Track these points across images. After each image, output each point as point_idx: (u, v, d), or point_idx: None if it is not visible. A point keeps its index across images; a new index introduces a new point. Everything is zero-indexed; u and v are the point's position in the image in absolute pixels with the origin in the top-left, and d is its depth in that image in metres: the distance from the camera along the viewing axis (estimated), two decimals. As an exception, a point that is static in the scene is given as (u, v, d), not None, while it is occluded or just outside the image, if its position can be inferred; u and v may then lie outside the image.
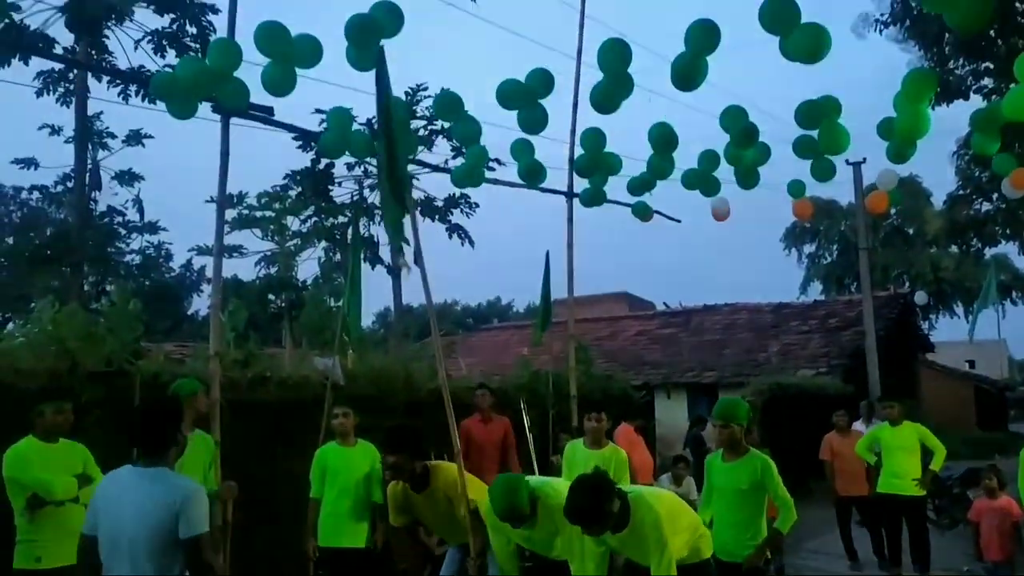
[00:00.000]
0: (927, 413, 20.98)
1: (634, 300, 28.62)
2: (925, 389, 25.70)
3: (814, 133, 6.93)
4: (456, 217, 23.21)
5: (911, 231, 31.63)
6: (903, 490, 8.02)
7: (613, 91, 6.31)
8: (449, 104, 6.84)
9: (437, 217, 22.90)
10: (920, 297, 22.11)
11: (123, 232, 20.60)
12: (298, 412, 7.33)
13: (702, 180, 7.97)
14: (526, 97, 6.49)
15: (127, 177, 19.55)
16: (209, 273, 7.11)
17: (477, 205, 23.41)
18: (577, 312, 12.98)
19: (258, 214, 19.33)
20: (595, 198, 7.90)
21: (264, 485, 7.07)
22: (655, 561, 3.80)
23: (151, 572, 3.20)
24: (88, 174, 18.64)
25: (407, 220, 5.31)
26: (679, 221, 9.80)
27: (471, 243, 23.50)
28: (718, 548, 4.49)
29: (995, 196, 19.20)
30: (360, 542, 5.93)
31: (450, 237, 23.16)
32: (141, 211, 20.27)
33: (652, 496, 4.04)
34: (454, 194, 22.69)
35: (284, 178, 21.47)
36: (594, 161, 7.47)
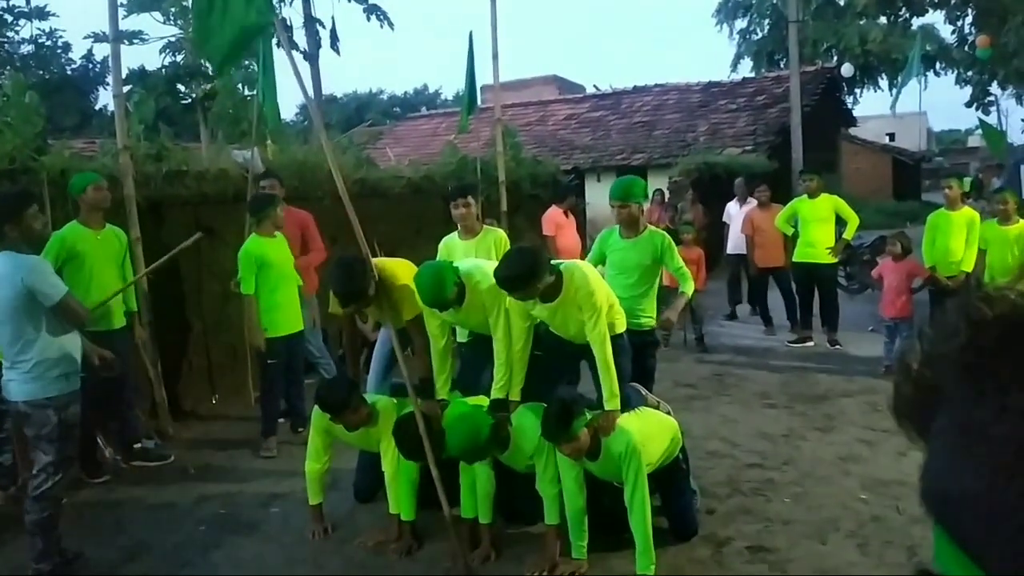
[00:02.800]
0: (847, 186, 21.71)
1: (564, 83, 27.99)
2: (846, 162, 26.42)
3: None
4: (374, -4, 21.79)
5: (842, 2, 31.03)
6: (816, 258, 8.43)
7: None
8: None
9: (354, -3, 21.46)
10: (847, 69, 22.09)
11: (9, 19, 18.86)
12: (219, 207, 7.16)
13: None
14: None
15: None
16: (111, 62, 6.57)
17: (396, -18, 21.93)
18: (505, 97, 12.70)
19: (157, -4, 17.81)
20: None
21: (189, 281, 7.04)
22: (591, 324, 3.97)
23: (15, 333, 3.87)
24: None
25: None
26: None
27: (390, 25, 22.28)
28: None
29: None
30: (300, 325, 6.05)
31: (368, 19, 21.88)
32: (26, -5, 18.48)
33: (582, 266, 4.15)
34: (370, -30, 21.18)
35: (182, -45, 19.64)
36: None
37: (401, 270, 4.65)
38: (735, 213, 10.45)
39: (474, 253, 5.32)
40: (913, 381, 0.49)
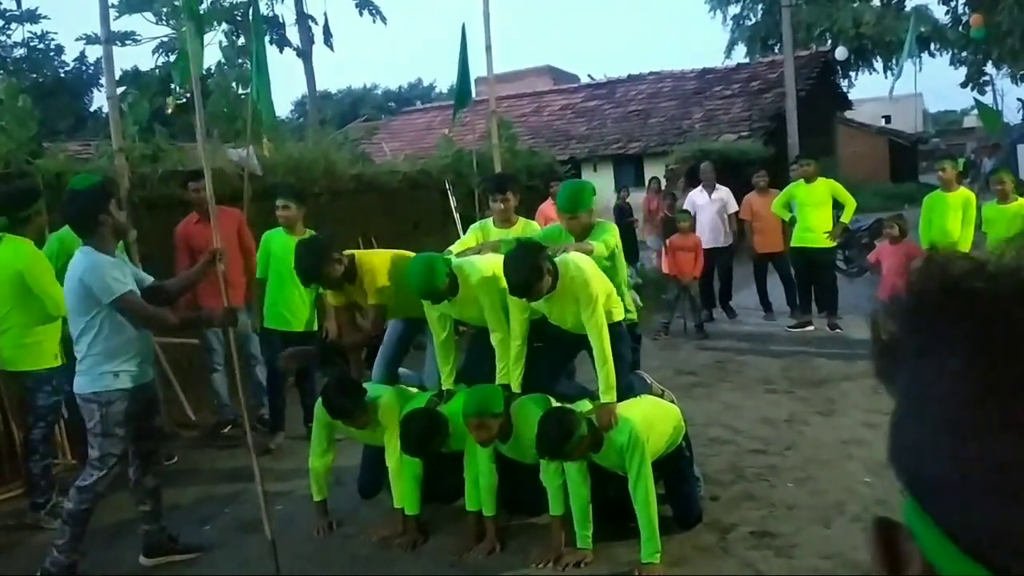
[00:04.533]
0: (843, 169, 21.68)
1: (558, 74, 27.95)
2: (842, 146, 26.36)
3: None
4: (366, -9, 21.71)
5: (836, -14, 30.96)
6: (815, 243, 8.44)
7: None
8: None
9: (345, -8, 21.39)
10: (841, 52, 22.04)
11: (1, 23, 18.80)
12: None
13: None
14: None
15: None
16: (104, 64, 6.59)
17: (388, -24, 21.85)
18: (500, 89, 12.68)
19: (148, -4, 17.71)
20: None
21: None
22: (587, 316, 3.97)
23: (78, 327, 3.95)
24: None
25: None
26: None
27: (383, 20, 22.21)
28: None
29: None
30: (300, 326, 6.06)
31: (360, 14, 21.81)
32: (17, -2, 18.41)
33: (577, 258, 4.13)
34: (361, -34, 21.09)
35: (172, -46, 19.53)
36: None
37: (379, 259, 4.72)
38: (702, 203, 9.54)
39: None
40: (877, 338, 0.51)
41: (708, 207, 9.50)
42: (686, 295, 8.95)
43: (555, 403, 4.11)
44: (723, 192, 9.57)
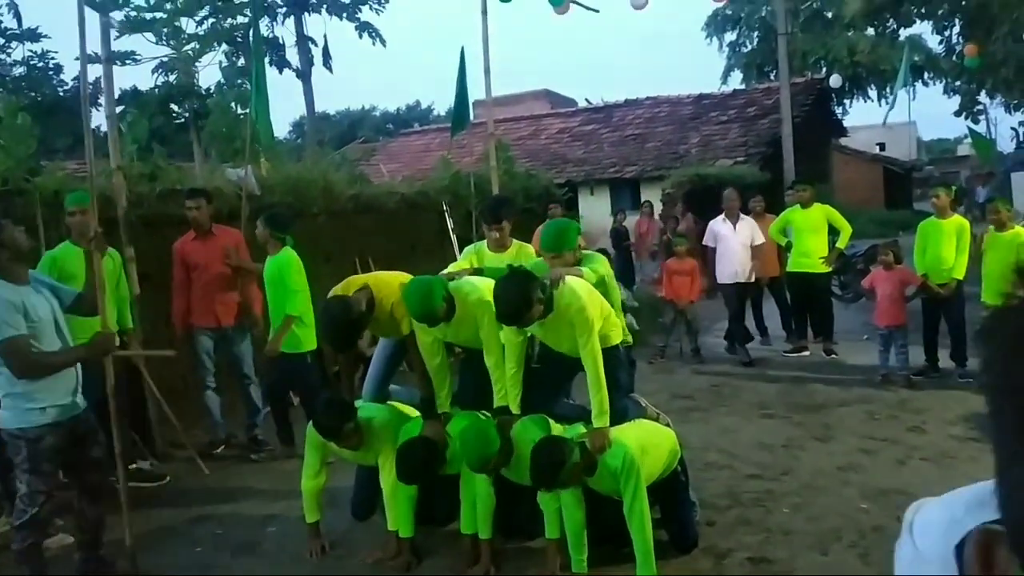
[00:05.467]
0: (839, 196, 21.81)
1: (556, 98, 28.12)
2: (837, 172, 26.54)
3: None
4: (365, 15, 21.92)
5: (830, 15, 31.26)
6: (811, 268, 8.46)
7: None
8: None
9: (345, 15, 21.57)
10: (835, 80, 22.24)
11: (1, 41, 18.88)
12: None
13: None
14: None
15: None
16: (104, 83, 6.65)
17: (387, 1, 22.09)
18: (498, 112, 12.75)
19: (148, 16, 17.79)
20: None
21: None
22: (582, 341, 3.94)
23: None
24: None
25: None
26: (597, 11, 9.44)
27: (382, 42, 22.40)
28: None
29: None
30: (285, 347, 6.03)
31: (360, 37, 22.00)
32: (18, 17, 18.50)
33: (574, 282, 4.11)
34: (362, -11, 21.28)
35: (173, -25, 19.66)
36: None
37: (397, 285, 4.62)
38: (725, 233, 8.76)
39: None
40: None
41: (731, 239, 8.72)
42: (682, 319, 8.95)
43: (554, 424, 4.09)
44: (749, 223, 8.81)
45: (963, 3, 21.27)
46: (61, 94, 24.08)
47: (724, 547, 4.26)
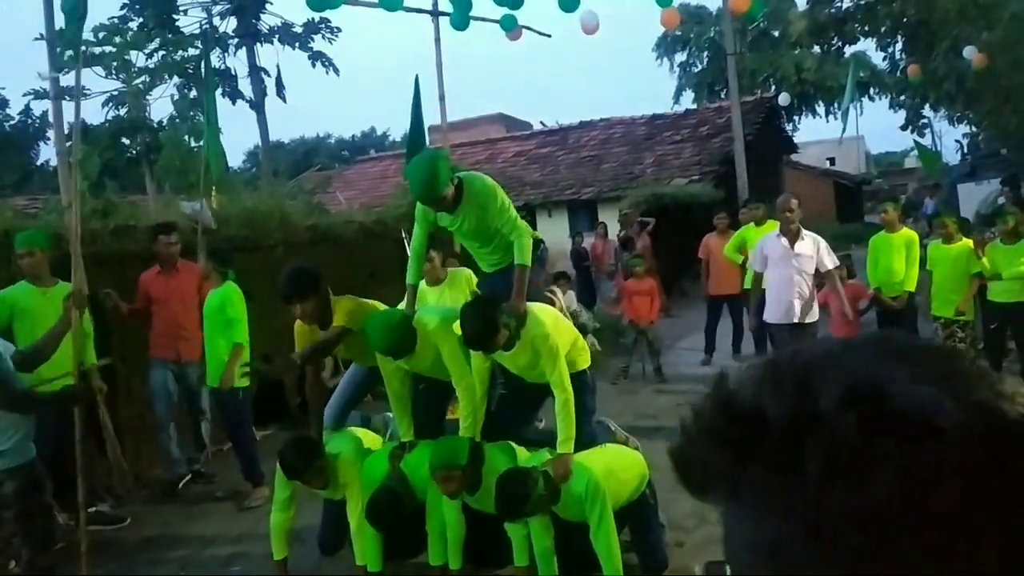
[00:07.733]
0: (791, 211, 22.17)
1: (511, 121, 28.29)
2: (790, 188, 26.94)
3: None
4: (318, 44, 21.93)
5: (777, 34, 32.02)
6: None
7: None
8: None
9: (298, 45, 21.56)
10: (784, 99, 22.72)
11: (-56, 79, 18.48)
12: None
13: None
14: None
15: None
16: (52, 118, 6.54)
17: (339, 30, 22.13)
18: (452, 137, 12.79)
19: (97, 50, 17.59)
20: (462, 20, 7.57)
21: (141, 332, 6.89)
22: (549, 369, 3.95)
23: None
24: None
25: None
26: (549, 36, 9.58)
27: (335, 71, 22.40)
28: None
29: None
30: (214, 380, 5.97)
31: (313, 66, 21.99)
32: (-39, 54, 18.11)
33: (539, 311, 4.13)
34: (313, 19, 21.29)
35: (121, 8, 19.51)
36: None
37: (369, 312, 4.64)
38: (777, 256, 6.78)
39: (446, 298, 5.35)
40: None
41: (784, 262, 6.53)
42: (644, 339, 9.01)
43: (520, 450, 4.09)
44: (812, 239, 6.65)
45: (904, 20, 21.94)
46: (7, 129, 23.67)
47: (693, 568, 4.27)
